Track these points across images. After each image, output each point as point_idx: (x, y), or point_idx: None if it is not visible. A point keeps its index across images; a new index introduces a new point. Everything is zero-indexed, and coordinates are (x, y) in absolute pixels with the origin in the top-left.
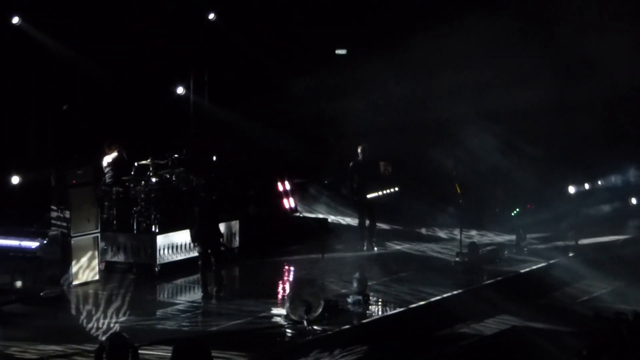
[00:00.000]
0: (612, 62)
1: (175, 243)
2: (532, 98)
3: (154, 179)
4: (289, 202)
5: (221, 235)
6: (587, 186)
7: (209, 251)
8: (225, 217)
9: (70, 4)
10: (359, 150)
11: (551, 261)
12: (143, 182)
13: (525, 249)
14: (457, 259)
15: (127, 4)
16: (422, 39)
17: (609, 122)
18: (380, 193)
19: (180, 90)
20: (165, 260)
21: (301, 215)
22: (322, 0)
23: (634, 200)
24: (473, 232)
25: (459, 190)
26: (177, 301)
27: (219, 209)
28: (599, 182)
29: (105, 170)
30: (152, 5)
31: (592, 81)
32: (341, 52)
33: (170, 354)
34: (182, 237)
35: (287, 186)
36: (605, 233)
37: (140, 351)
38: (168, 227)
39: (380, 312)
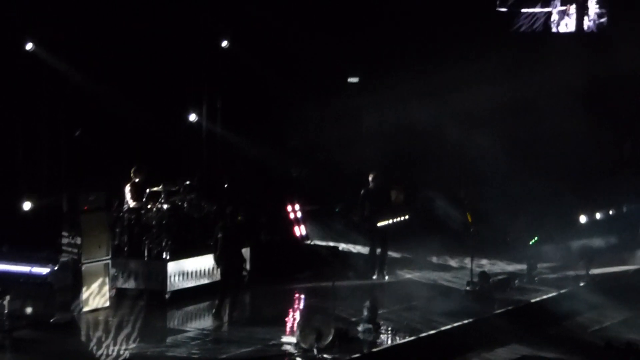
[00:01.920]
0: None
1: (186, 270)
2: (544, 126)
3: (165, 206)
4: (299, 229)
5: (244, 260)
6: (598, 216)
7: (231, 275)
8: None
9: (84, 30)
10: (370, 178)
11: (562, 291)
12: (155, 208)
13: (536, 278)
14: (467, 287)
15: (141, 30)
16: (433, 66)
17: (621, 152)
18: (391, 221)
19: (192, 116)
20: (176, 287)
21: (312, 242)
22: (335, 28)
23: None
24: (484, 261)
25: (470, 219)
26: (187, 328)
27: (243, 235)
28: (610, 212)
29: (126, 194)
30: (165, 32)
31: (604, 109)
32: (353, 80)
33: None
34: (193, 264)
35: (298, 213)
36: (616, 263)
37: None
38: (179, 254)
39: (390, 341)
